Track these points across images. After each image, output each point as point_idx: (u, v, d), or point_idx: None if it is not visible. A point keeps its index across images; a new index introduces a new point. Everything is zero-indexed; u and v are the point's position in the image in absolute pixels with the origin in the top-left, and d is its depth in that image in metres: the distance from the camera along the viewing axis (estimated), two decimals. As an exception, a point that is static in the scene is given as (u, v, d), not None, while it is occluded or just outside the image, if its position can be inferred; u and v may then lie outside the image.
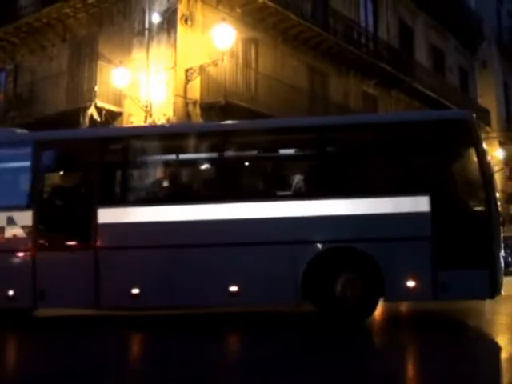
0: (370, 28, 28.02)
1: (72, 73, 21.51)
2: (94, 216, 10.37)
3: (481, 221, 9.94)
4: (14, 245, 10.64)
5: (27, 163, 11.01)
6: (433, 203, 9.87)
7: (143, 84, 18.51)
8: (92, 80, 20.08)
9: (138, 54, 19.22)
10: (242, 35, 20.18)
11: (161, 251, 10.21)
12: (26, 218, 10.60)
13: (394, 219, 9.96)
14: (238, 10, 20.48)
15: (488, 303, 11.26)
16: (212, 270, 10.12)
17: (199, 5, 19.42)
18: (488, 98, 39.58)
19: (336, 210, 10.06)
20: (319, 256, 10.00)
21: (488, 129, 37.46)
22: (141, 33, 19.28)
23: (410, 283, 9.80)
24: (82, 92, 20.23)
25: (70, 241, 10.69)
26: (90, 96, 19.15)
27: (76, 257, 10.48)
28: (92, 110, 18.55)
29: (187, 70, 18.50)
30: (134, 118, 18.65)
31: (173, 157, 11.69)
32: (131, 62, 19.03)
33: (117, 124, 18.84)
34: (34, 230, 10.58)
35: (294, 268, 9.99)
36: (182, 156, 11.56)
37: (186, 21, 18.89)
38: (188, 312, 11.50)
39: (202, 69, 18.38)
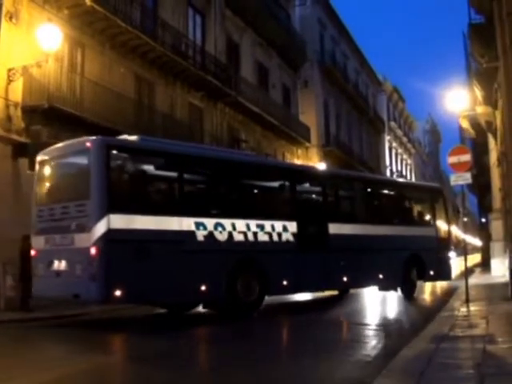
0: (198, 41, 28.56)
1: None
2: (327, 228, 16.70)
3: (447, 241, 21.63)
4: (286, 246, 15.31)
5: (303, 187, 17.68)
6: (435, 231, 20.74)
7: (-38, 82, 17.60)
8: None
9: (-42, 49, 18.16)
10: (69, 38, 19.89)
11: (355, 253, 16.88)
12: (293, 226, 15.51)
13: (427, 238, 20.02)
14: (66, 12, 19.90)
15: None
16: (372, 265, 17.43)
17: (25, 2, 18.54)
18: (309, 115, 41.67)
19: (414, 232, 19.56)
20: (408, 258, 19.03)
21: (308, 144, 39.57)
22: (-38, 27, 18.24)
23: (432, 272, 19.98)
24: None
25: (316, 245, 16.27)
26: None
27: (318, 256, 16.09)
28: None
29: (9, 70, 17.69)
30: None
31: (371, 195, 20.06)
32: (-50, 57, 17.93)
33: None
34: (298, 237, 15.57)
35: (399, 265, 18.68)
36: (373, 192, 20.18)
37: (10, 18, 17.99)
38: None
39: (25, 69, 17.76)
